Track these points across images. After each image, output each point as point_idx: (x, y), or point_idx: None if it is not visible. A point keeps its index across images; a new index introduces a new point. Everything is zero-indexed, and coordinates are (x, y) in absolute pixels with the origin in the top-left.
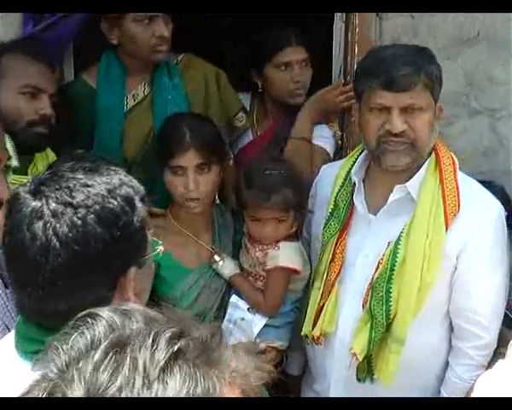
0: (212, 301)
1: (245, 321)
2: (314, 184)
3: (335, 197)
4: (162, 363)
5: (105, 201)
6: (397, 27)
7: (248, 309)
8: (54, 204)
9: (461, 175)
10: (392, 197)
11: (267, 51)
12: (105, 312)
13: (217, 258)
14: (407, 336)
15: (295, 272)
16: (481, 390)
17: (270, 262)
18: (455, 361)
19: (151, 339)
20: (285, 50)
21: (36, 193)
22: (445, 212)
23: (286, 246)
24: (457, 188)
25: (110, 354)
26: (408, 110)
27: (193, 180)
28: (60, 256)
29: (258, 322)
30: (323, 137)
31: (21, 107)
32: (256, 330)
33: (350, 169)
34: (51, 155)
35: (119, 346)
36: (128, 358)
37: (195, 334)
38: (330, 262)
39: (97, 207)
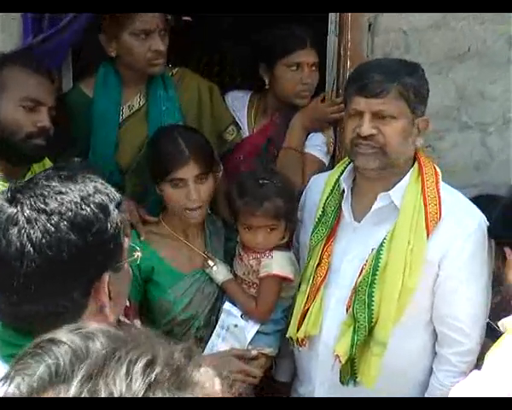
0: (204, 306)
1: (238, 328)
2: (304, 193)
3: (324, 204)
4: (140, 395)
5: (78, 208)
6: (389, 42)
7: (241, 316)
8: (28, 211)
9: (444, 185)
10: (375, 205)
11: (282, 49)
12: (66, 336)
13: (210, 263)
14: (389, 341)
15: (288, 280)
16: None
17: (263, 270)
18: (437, 367)
19: (124, 369)
20: (299, 51)
21: (12, 200)
22: (427, 219)
23: (279, 255)
24: (439, 197)
25: (85, 391)
26: (379, 116)
27: (194, 190)
28: (34, 262)
29: (251, 329)
30: (317, 146)
31: (20, 119)
32: (249, 336)
33: (339, 177)
34: (48, 164)
35: (91, 377)
36: (103, 391)
37: (167, 357)
38: (317, 267)
39: (70, 213)
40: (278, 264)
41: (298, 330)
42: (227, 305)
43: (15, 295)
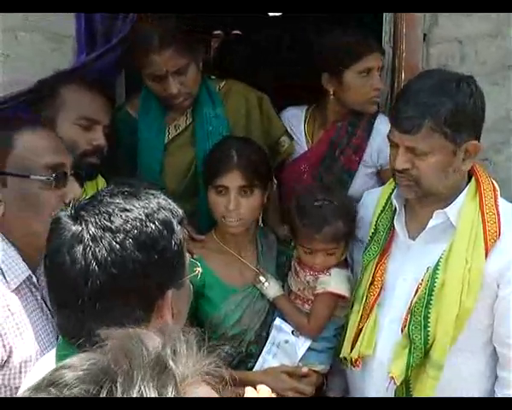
0: (254, 321)
1: (289, 344)
2: (357, 210)
3: (376, 221)
4: None
5: (143, 225)
6: (444, 53)
7: (292, 332)
8: (93, 228)
9: (502, 201)
10: (431, 223)
11: (351, 56)
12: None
13: (262, 279)
14: (446, 362)
15: (343, 298)
16: None
17: (320, 286)
18: (498, 390)
19: None
20: (368, 56)
21: (76, 218)
22: (485, 238)
23: (337, 273)
24: (498, 214)
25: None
26: (413, 150)
27: (234, 201)
28: (98, 279)
29: (302, 345)
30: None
31: (76, 137)
32: (300, 352)
33: (391, 194)
34: (101, 182)
35: None
36: None
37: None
38: (370, 285)
39: (135, 231)
40: (336, 282)
41: (351, 349)
42: (278, 321)
43: (79, 312)
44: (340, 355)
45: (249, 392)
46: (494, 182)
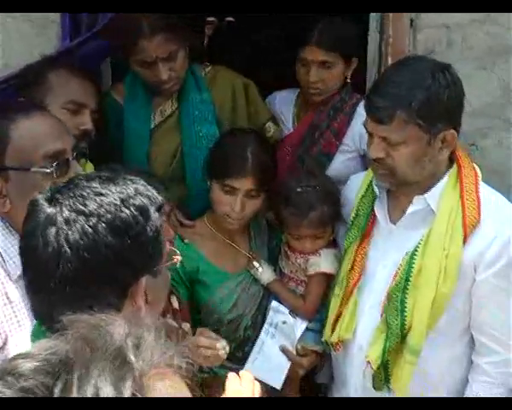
0: (250, 306)
1: (287, 324)
2: (342, 193)
3: (357, 205)
4: None
5: (117, 210)
6: (431, 38)
7: (290, 312)
8: (67, 211)
9: (484, 187)
10: (410, 209)
11: (296, 44)
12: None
13: (256, 264)
14: (423, 348)
15: (334, 277)
16: None
17: (311, 268)
18: (472, 377)
19: None
20: (306, 48)
21: (51, 200)
22: (464, 224)
23: (326, 253)
24: (478, 200)
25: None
26: (387, 140)
27: (240, 203)
28: (70, 263)
29: (300, 325)
30: None
31: (64, 122)
32: (298, 333)
33: (372, 179)
34: (90, 168)
35: None
36: None
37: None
38: (350, 270)
39: (109, 216)
40: (326, 262)
41: (332, 333)
42: (274, 303)
43: (51, 295)
44: (322, 339)
45: (232, 378)
46: (476, 167)
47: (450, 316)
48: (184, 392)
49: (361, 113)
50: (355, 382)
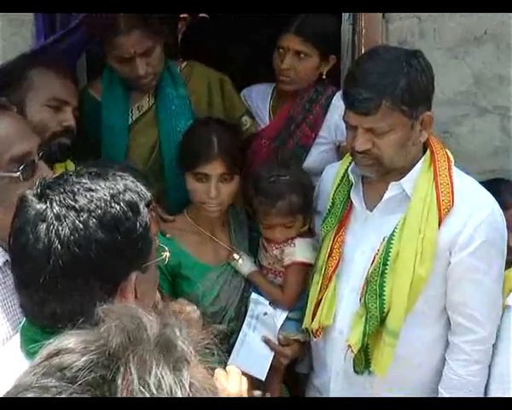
0: (232, 298)
1: (268, 315)
2: (318, 184)
3: (333, 195)
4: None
5: (107, 205)
6: (403, 29)
7: (270, 303)
8: (57, 207)
9: (457, 171)
10: (387, 194)
11: (275, 32)
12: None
13: (236, 256)
14: (403, 330)
15: (311, 266)
16: None
17: (287, 258)
18: (451, 357)
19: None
20: (283, 35)
21: (41, 196)
22: (439, 208)
23: (301, 242)
24: (452, 184)
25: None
26: (373, 130)
27: (215, 188)
28: (61, 258)
29: (280, 315)
30: None
31: (47, 119)
32: (279, 323)
33: (348, 167)
34: (70, 166)
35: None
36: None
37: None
38: (328, 257)
39: (99, 211)
40: (301, 251)
41: (312, 320)
42: (254, 294)
43: (41, 292)
44: (303, 326)
45: (220, 373)
46: (449, 153)
47: (427, 298)
48: (209, 378)
49: (336, 105)
50: (336, 367)
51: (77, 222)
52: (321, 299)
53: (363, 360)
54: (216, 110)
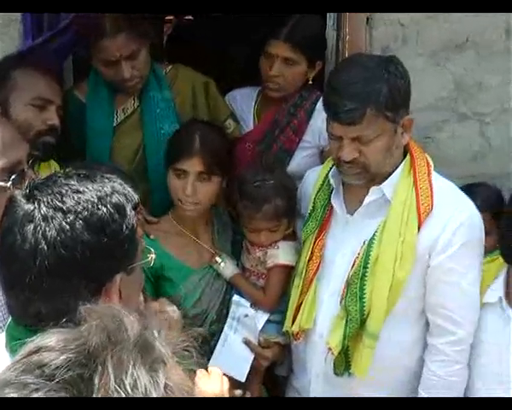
0: (214, 300)
1: (248, 317)
2: (300, 187)
3: (314, 198)
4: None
5: (94, 207)
6: (386, 35)
7: (251, 305)
8: (45, 208)
9: (436, 176)
10: (367, 198)
11: (261, 38)
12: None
13: (218, 259)
14: (382, 332)
15: (293, 268)
16: None
17: (270, 260)
18: (430, 358)
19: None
20: (271, 41)
21: (30, 197)
22: (419, 211)
23: (285, 245)
24: (431, 188)
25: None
26: (359, 139)
27: (191, 186)
28: (47, 259)
29: (261, 317)
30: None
31: (31, 117)
32: (260, 325)
33: (328, 172)
34: (54, 166)
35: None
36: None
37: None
38: (309, 261)
39: (86, 213)
40: (284, 254)
41: (292, 323)
42: (236, 296)
43: (27, 291)
44: (283, 329)
45: (202, 374)
46: (428, 157)
47: (406, 301)
48: (186, 380)
49: (320, 109)
50: (316, 369)
51: (63, 223)
52: (301, 302)
53: (343, 362)
54: (200, 112)
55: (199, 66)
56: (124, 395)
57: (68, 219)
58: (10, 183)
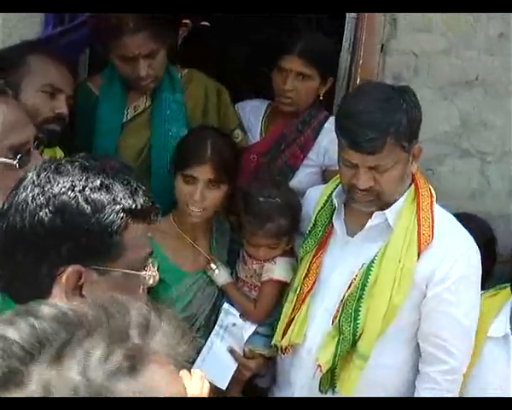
0: (204, 306)
1: (236, 327)
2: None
3: (315, 217)
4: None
5: (65, 192)
6: (399, 64)
7: (240, 315)
8: (30, 186)
9: (438, 208)
10: (370, 222)
11: (275, 52)
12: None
13: (213, 266)
14: (371, 354)
15: (287, 285)
16: None
17: (265, 274)
18: (421, 385)
19: (80, 359)
20: (286, 56)
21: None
22: (419, 240)
23: (282, 261)
24: (432, 219)
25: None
26: (376, 168)
27: (200, 193)
28: (7, 223)
29: (249, 328)
30: None
31: (39, 104)
32: (246, 335)
33: (332, 192)
34: (59, 153)
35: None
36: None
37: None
38: (304, 277)
39: (53, 191)
40: (280, 270)
41: (282, 337)
42: (226, 305)
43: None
44: (272, 342)
45: (183, 374)
46: (431, 188)
47: (398, 325)
48: (174, 387)
49: (328, 129)
50: (301, 383)
51: (30, 195)
52: (293, 317)
53: (328, 380)
54: (210, 119)
55: (211, 71)
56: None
57: (35, 192)
58: (17, 161)
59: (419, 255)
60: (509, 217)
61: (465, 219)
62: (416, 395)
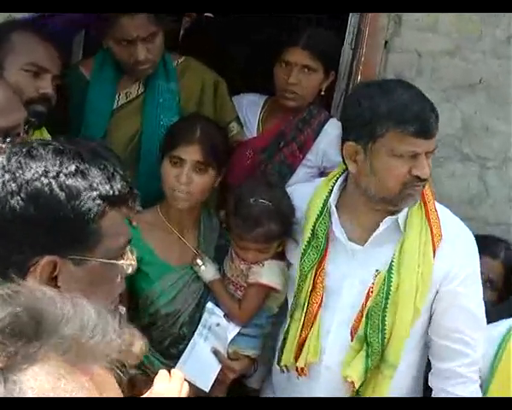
0: (189, 302)
1: (220, 327)
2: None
3: (313, 227)
4: None
5: (36, 179)
6: (402, 62)
7: (224, 316)
8: (6, 163)
9: (441, 207)
10: (381, 227)
11: (276, 45)
12: None
13: (199, 261)
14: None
15: (274, 290)
16: None
17: (252, 277)
18: (447, 384)
19: None
20: (289, 48)
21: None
22: (433, 240)
23: (270, 264)
24: (438, 218)
25: None
26: (431, 153)
27: (186, 175)
28: None
29: (233, 329)
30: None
31: (22, 83)
32: (230, 336)
33: (327, 197)
34: (46, 135)
35: None
36: None
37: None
38: (311, 292)
39: (25, 178)
40: (268, 274)
41: (296, 358)
42: (210, 304)
43: None
44: (281, 364)
45: (162, 375)
46: (431, 187)
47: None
48: (81, 387)
49: (327, 131)
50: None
51: (1, 180)
52: (305, 336)
53: (355, 394)
54: (206, 111)
55: (213, 63)
56: None
57: (6, 177)
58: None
59: (434, 256)
60: (507, 225)
61: (492, 244)
62: (443, 395)
